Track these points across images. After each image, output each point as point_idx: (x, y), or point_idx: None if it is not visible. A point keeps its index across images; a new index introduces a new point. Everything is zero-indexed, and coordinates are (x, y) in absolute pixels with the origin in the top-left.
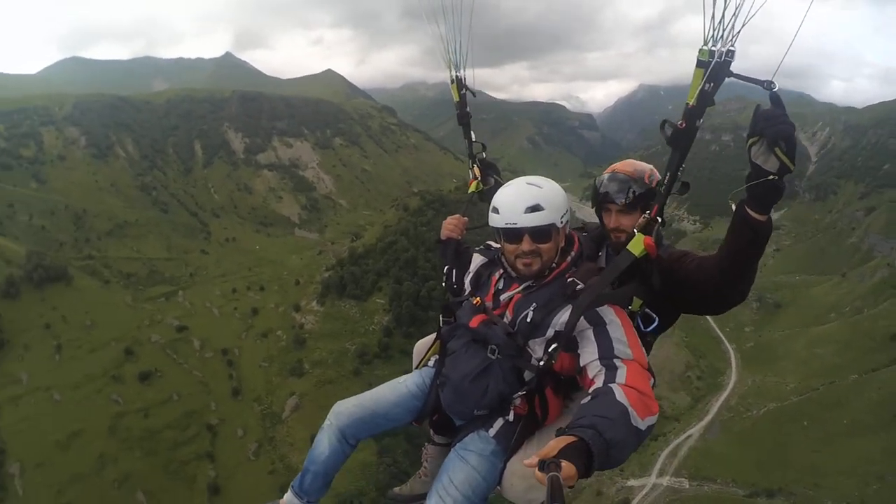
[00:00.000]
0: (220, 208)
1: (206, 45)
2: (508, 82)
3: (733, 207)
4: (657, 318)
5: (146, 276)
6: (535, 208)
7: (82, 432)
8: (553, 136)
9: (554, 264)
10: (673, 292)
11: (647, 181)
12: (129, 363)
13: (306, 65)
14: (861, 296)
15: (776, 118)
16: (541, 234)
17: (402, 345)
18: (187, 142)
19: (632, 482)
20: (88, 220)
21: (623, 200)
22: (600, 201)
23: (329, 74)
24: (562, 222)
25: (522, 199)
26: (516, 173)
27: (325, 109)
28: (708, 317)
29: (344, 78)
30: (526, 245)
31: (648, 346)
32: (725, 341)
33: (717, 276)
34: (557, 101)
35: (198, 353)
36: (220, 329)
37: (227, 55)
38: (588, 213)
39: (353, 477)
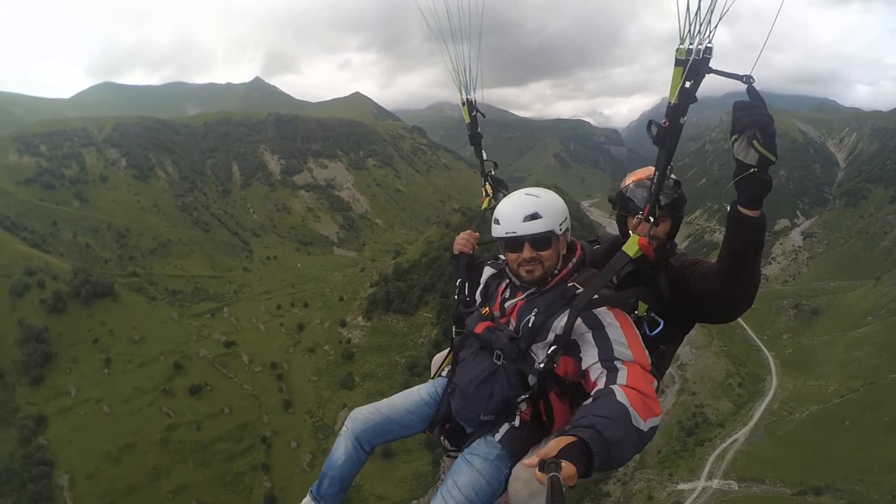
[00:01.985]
0: (260, 228)
1: (236, 71)
2: (532, 101)
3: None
4: (662, 322)
5: (191, 293)
6: (533, 216)
7: (134, 444)
8: (579, 153)
9: (556, 271)
10: (682, 300)
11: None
12: (178, 377)
13: (334, 88)
14: None
15: (751, 109)
16: (540, 241)
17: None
18: (225, 163)
19: (682, 486)
20: (132, 239)
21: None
22: (630, 209)
23: (357, 97)
24: (560, 230)
25: (521, 209)
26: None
27: (357, 131)
28: (745, 326)
29: (371, 100)
30: (527, 253)
31: (663, 356)
32: (764, 349)
33: (717, 281)
34: (581, 118)
35: (247, 368)
36: (268, 344)
37: (257, 80)
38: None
39: (409, 487)
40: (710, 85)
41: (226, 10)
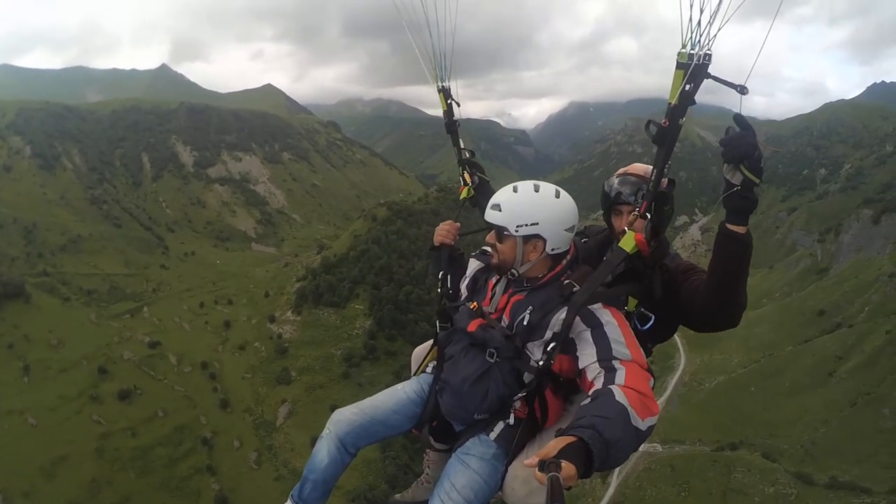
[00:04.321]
0: (175, 223)
1: (141, 56)
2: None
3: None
4: (653, 317)
5: (107, 293)
6: (496, 207)
7: (67, 457)
8: (490, 152)
9: (515, 269)
10: (673, 303)
11: None
12: (105, 382)
13: (244, 78)
14: (789, 282)
15: (737, 140)
16: (497, 232)
17: (386, 347)
18: (135, 154)
19: None
20: (40, 234)
21: (635, 201)
22: (611, 204)
23: (269, 89)
24: (517, 231)
25: (496, 197)
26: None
27: (272, 124)
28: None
29: (284, 93)
30: (489, 237)
31: (647, 353)
32: None
33: (707, 295)
34: (491, 118)
35: (175, 369)
36: (195, 343)
37: (164, 67)
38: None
39: (360, 474)
40: (615, 90)
41: None
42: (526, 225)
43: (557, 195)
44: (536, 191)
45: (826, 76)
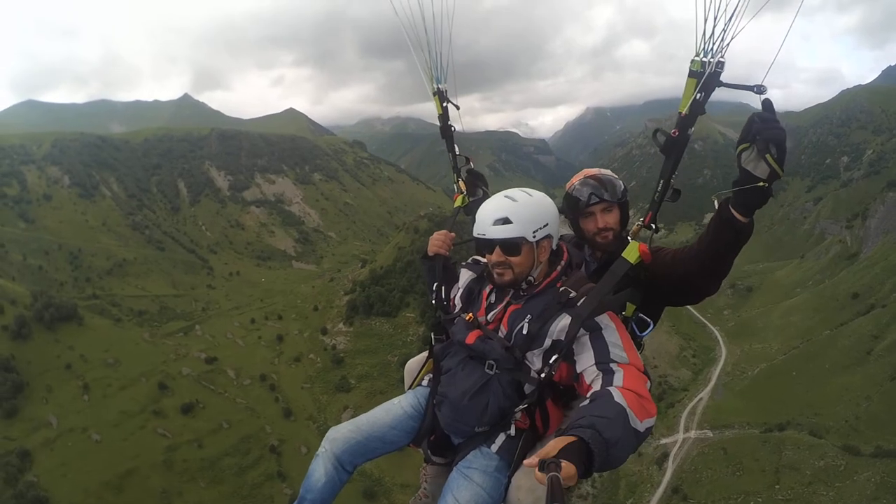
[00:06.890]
0: (216, 244)
1: (163, 87)
2: (461, 114)
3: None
4: (652, 324)
5: (157, 313)
6: (503, 221)
7: (135, 470)
8: (511, 163)
9: (532, 277)
10: (654, 289)
11: (613, 181)
12: (165, 397)
13: (264, 105)
14: (820, 270)
15: (769, 123)
16: (509, 246)
17: None
18: (170, 180)
19: (664, 440)
20: (85, 259)
21: (608, 197)
22: (581, 207)
23: (291, 113)
24: (534, 237)
25: (494, 212)
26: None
27: (301, 146)
28: (689, 307)
29: (306, 116)
30: (496, 256)
31: (639, 346)
32: (709, 324)
33: (696, 270)
34: (509, 129)
35: (235, 382)
36: (250, 358)
37: (186, 97)
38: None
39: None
40: (630, 93)
41: (156, 24)
42: (540, 228)
43: (543, 195)
44: (531, 195)
45: (840, 63)
